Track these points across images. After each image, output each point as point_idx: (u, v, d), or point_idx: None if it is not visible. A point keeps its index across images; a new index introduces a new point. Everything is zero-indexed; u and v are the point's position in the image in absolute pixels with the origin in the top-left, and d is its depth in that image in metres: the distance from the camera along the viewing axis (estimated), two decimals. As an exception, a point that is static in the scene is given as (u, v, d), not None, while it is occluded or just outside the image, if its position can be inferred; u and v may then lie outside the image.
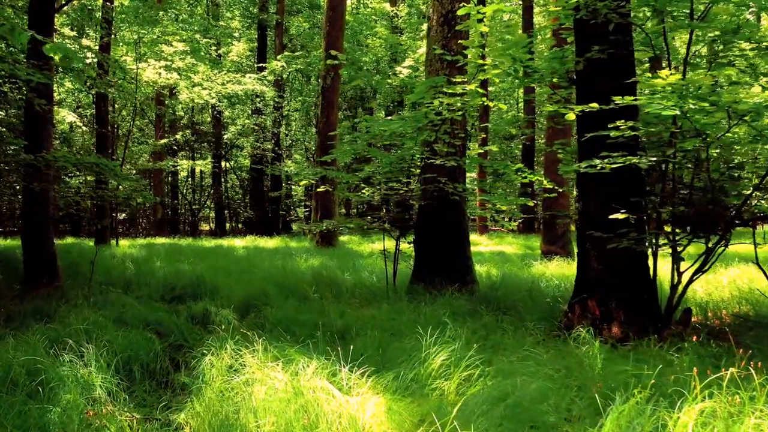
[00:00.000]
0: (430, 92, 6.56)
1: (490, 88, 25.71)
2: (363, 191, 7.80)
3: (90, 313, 5.19)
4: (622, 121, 4.54)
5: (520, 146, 29.46)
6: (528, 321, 5.76)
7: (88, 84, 14.57)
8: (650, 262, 5.69)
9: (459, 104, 6.96)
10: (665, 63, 6.16)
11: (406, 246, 8.22)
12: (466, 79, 6.92)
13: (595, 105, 4.34)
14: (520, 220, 20.88)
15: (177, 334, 5.13)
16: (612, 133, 4.62)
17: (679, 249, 5.54)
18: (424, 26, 30.89)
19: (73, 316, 4.93)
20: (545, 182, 7.18)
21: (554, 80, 6.20)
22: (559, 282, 7.84)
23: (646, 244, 5.50)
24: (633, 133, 4.50)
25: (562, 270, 9.63)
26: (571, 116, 4.52)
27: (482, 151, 9.46)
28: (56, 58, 3.02)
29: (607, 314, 5.51)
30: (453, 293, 6.71)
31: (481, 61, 6.06)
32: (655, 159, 4.51)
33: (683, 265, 5.58)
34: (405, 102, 32.45)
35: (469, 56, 6.50)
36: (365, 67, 28.70)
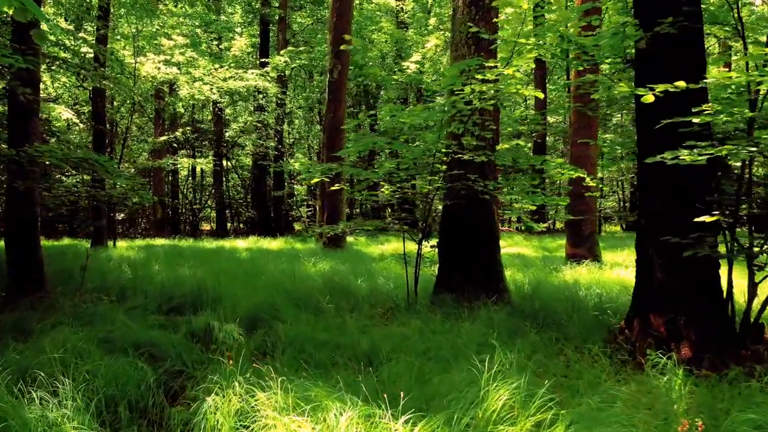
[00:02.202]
0: (461, 78, 5.78)
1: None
2: (382, 189, 7.02)
3: (70, 333, 4.40)
4: (710, 104, 3.77)
5: (530, 144, 28.67)
6: (579, 339, 4.99)
7: (81, 76, 13.78)
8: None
9: (492, 92, 6.18)
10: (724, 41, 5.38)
11: (426, 250, 7.44)
12: (499, 64, 6.14)
13: (682, 84, 3.56)
14: (552, 220, 20.01)
15: (174, 358, 4.35)
16: (695, 119, 3.84)
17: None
18: (431, 21, 30.15)
19: (50, 339, 4.15)
20: (588, 179, 6.41)
21: (606, 62, 5.42)
22: (600, 291, 7.06)
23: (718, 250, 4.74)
24: (726, 119, 3.73)
25: (595, 276, 8.84)
26: (650, 98, 3.76)
27: (507, 146, 8.69)
28: (10, 11, 2.26)
29: (675, 332, 4.73)
30: (488, 305, 5.93)
31: (522, 41, 5.28)
32: (755, 149, 3.73)
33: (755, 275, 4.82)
34: (409, 99, 31.67)
35: (504, 36, 5.72)
36: (370, 63, 27.88)
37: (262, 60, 26.42)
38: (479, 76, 5.88)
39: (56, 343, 4.00)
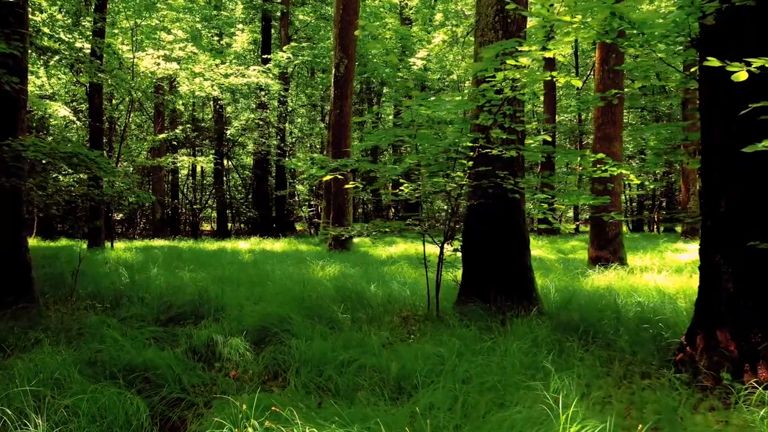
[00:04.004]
0: (495, 62, 5.16)
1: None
2: (401, 188, 6.40)
3: (51, 354, 3.77)
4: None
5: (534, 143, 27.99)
6: (636, 359, 4.38)
7: (75, 68, 13.15)
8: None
9: (525, 79, 5.57)
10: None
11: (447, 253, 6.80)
12: (534, 47, 5.52)
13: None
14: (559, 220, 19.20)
15: (173, 383, 3.73)
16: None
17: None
18: (437, 17, 29.52)
19: (24, 363, 3.51)
20: (632, 176, 5.79)
21: (660, 44, 4.80)
22: (641, 299, 6.44)
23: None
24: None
25: (627, 282, 8.21)
26: (743, 76, 3.16)
27: (532, 141, 8.07)
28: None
29: (749, 351, 4.11)
30: (526, 317, 5.30)
31: (567, 18, 4.66)
32: None
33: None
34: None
35: (544, 14, 5.09)
36: (374, 59, 27.24)
37: (264, 56, 25.80)
38: (511, 62, 5.27)
39: (32, 369, 3.37)
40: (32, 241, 17.80)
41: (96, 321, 5.45)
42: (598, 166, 5.73)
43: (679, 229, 31.42)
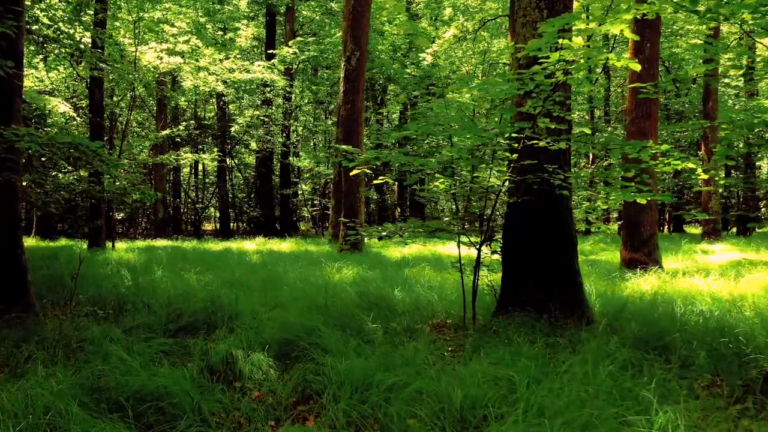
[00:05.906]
0: (552, 39, 4.54)
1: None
2: (437, 183, 5.78)
3: (43, 380, 3.14)
4: None
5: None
6: (730, 381, 3.77)
7: (74, 58, 12.51)
8: None
9: (582, 60, 4.95)
10: None
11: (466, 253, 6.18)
12: (592, 24, 4.90)
13: None
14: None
15: (191, 414, 3.10)
16: None
17: None
18: (447, 12, 28.90)
19: (10, 394, 2.88)
20: (699, 171, 5.18)
21: (748, 15, 4.19)
22: (704, 308, 5.82)
23: None
24: None
25: (672, 286, 7.58)
26: None
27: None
28: None
29: None
30: (582, 328, 4.68)
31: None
32: None
33: None
34: (418, 96, 30.32)
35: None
36: (381, 56, 26.57)
37: (269, 52, 25.18)
38: (563, 41, 4.66)
39: (21, 401, 2.74)
40: (30, 241, 17.16)
41: (98, 332, 4.82)
42: (661, 159, 5.12)
43: (690, 230, 30.74)
